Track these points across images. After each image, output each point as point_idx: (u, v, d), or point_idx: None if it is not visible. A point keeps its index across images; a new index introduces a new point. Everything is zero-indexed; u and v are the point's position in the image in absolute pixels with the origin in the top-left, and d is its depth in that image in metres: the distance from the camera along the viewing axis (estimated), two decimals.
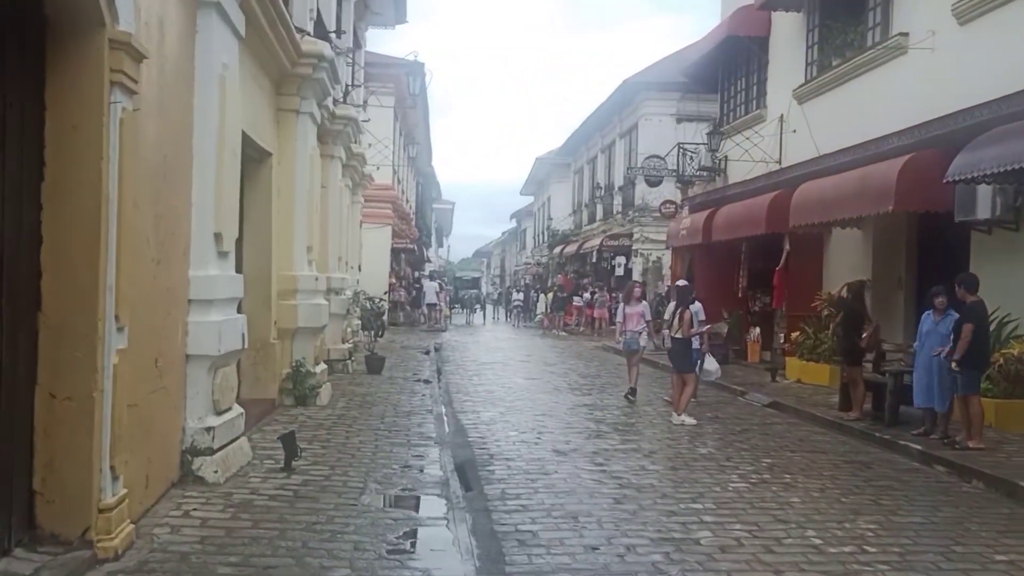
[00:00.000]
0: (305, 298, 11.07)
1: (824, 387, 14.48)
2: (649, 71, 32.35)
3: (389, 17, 23.70)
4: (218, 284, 6.86)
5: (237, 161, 7.43)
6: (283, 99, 10.76)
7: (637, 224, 31.85)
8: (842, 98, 15.91)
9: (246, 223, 10.34)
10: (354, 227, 21.33)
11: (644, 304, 13.57)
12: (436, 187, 57.85)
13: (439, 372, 16.76)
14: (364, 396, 12.24)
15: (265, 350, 10.47)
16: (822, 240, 16.78)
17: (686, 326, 11.60)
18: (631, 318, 13.18)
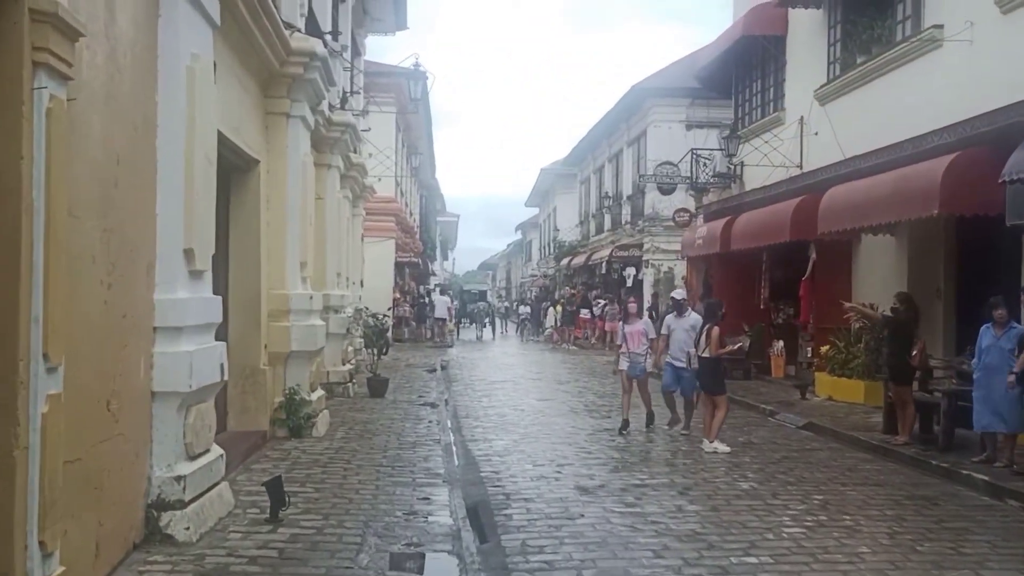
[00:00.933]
0: (299, 319, 10.12)
1: (859, 405, 13.49)
2: (658, 76, 31.46)
3: (389, 23, 22.83)
4: (189, 308, 5.91)
5: (212, 167, 6.49)
6: (272, 102, 9.85)
7: (647, 234, 30.89)
8: (869, 97, 14.97)
9: (232, 238, 9.45)
10: (355, 241, 20.41)
11: (645, 321, 12.12)
12: (440, 199, 56.97)
13: (446, 393, 15.78)
14: (365, 424, 11.26)
15: (254, 377, 9.52)
16: (850, 248, 15.80)
17: (715, 344, 10.61)
18: (632, 338, 11.56)
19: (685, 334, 11.24)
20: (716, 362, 10.78)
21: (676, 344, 11.32)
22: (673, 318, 11.60)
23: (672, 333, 11.45)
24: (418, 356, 24.39)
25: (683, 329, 11.31)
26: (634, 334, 11.55)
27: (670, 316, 11.79)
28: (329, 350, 14.06)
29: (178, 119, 5.81)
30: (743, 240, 17.52)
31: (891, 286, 14.31)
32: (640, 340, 11.51)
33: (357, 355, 18.13)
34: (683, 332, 11.28)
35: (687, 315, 11.50)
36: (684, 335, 11.24)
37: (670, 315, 11.85)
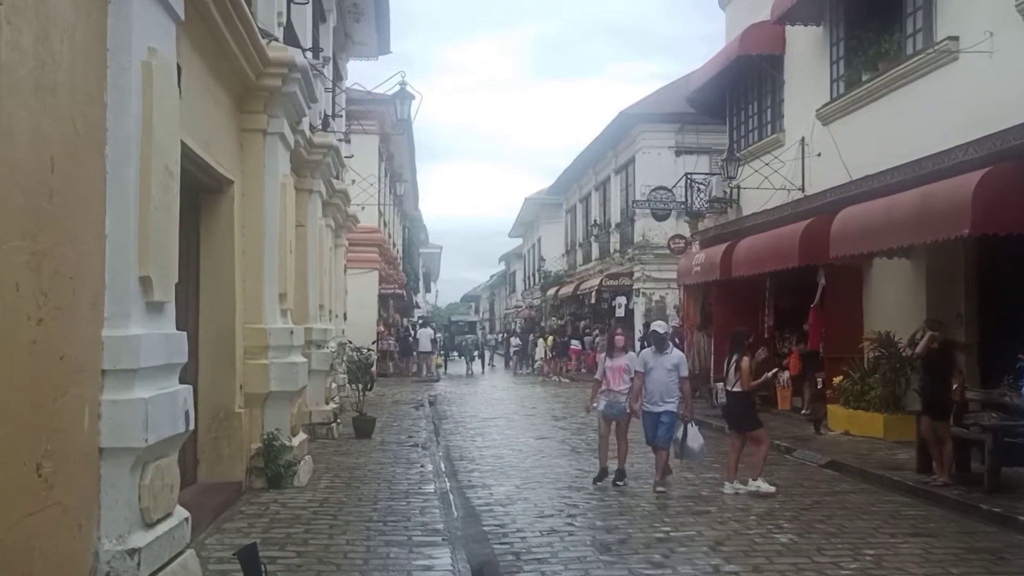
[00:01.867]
0: (278, 356, 9.17)
1: (879, 440, 12.65)
2: (646, 102, 30.94)
3: (372, 48, 22.13)
4: (146, 346, 4.97)
5: (174, 180, 5.59)
6: (247, 117, 8.97)
7: (638, 262, 30.17)
8: (877, 115, 14.29)
9: (203, 266, 8.54)
10: (338, 272, 19.49)
11: (630, 356, 10.21)
12: (424, 230, 56.18)
13: (436, 432, 14.80)
14: (352, 470, 10.28)
15: (228, 422, 8.55)
16: (861, 272, 15.04)
17: (747, 376, 9.72)
18: (614, 374, 9.90)
19: (666, 374, 9.70)
20: (747, 396, 9.86)
21: (653, 385, 9.70)
22: (652, 354, 9.90)
23: (650, 373, 9.73)
24: (404, 391, 23.40)
25: (664, 369, 9.70)
26: (616, 370, 9.91)
27: (648, 352, 10.08)
28: (312, 388, 13.08)
29: (131, 122, 4.91)
30: (746, 266, 16.73)
31: (907, 311, 13.55)
32: (622, 377, 9.87)
33: (341, 392, 17.16)
34: (663, 372, 9.70)
35: (669, 352, 9.87)
36: (664, 375, 9.69)
37: (648, 351, 10.14)
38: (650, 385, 9.72)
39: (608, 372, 9.99)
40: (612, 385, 9.90)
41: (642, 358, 9.99)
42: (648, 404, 9.74)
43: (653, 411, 9.71)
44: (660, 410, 9.64)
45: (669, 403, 9.64)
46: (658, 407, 9.66)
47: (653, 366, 9.75)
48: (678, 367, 9.74)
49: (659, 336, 10.07)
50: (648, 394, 9.73)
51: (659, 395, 9.67)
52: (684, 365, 9.88)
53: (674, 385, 9.68)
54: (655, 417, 9.69)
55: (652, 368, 9.74)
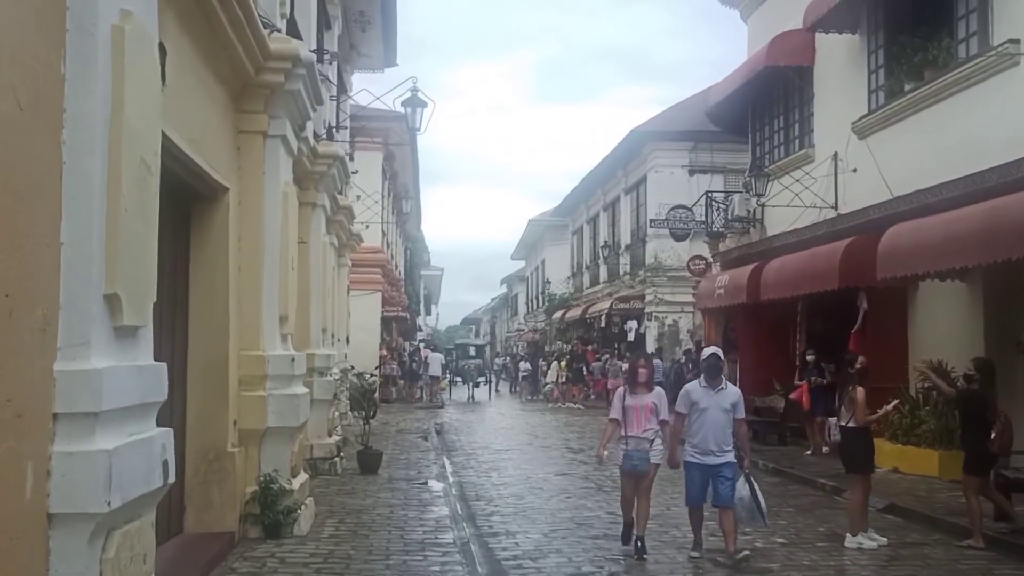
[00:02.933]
0: (277, 386, 8.10)
1: (933, 479, 11.57)
2: (658, 120, 30.05)
3: (378, 60, 21.28)
4: (112, 383, 3.92)
5: (153, 178, 4.56)
6: (245, 117, 7.96)
7: (650, 284, 29.16)
8: (922, 126, 13.30)
9: (193, 285, 7.51)
10: (341, 293, 18.47)
11: (658, 392, 8.15)
12: (426, 252, 55.24)
13: (447, 466, 13.69)
14: (359, 514, 9.20)
15: (220, 463, 7.48)
16: (905, 296, 13.99)
17: (859, 410, 8.40)
18: (637, 415, 7.86)
19: (723, 416, 7.66)
20: (865, 433, 8.61)
21: (706, 430, 7.68)
22: (703, 390, 7.80)
23: (701, 414, 7.71)
24: (409, 419, 22.29)
25: (720, 408, 7.66)
26: (641, 410, 7.87)
27: (696, 387, 7.95)
28: (314, 420, 12.01)
29: (97, 101, 3.89)
30: (777, 289, 15.68)
31: (960, 339, 12.52)
32: (648, 418, 7.87)
33: (343, 420, 16.09)
34: (719, 412, 7.67)
35: (724, 387, 7.81)
36: (721, 417, 7.66)
37: (696, 385, 7.99)
38: (700, 429, 7.72)
39: (630, 413, 7.90)
40: (635, 429, 7.85)
41: (688, 395, 7.91)
42: (697, 454, 7.73)
43: (707, 463, 7.67)
44: (719, 462, 7.64)
45: (728, 452, 7.70)
46: (715, 458, 7.66)
47: (706, 406, 7.69)
48: (736, 407, 7.79)
49: (715, 366, 7.86)
50: (698, 441, 7.74)
51: (715, 442, 7.65)
52: (742, 403, 8.00)
53: (731, 429, 7.76)
54: (711, 472, 7.68)
55: (705, 408, 7.69)
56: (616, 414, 8.09)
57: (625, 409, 7.96)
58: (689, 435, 7.88)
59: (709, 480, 7.72)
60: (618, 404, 8.12)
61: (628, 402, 7.99)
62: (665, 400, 8.10)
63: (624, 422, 7.92)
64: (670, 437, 8.07)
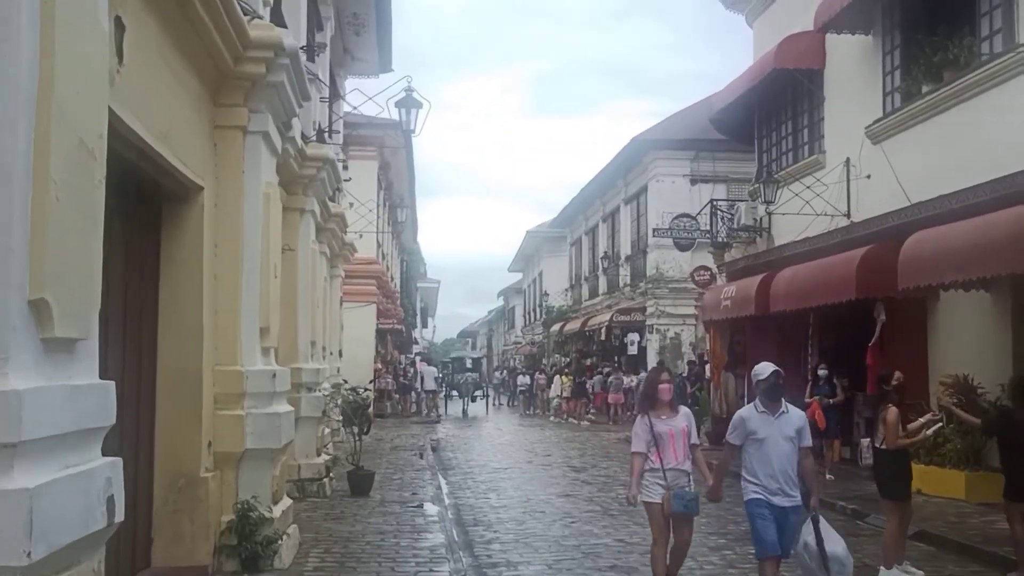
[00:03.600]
0: (257, 405, 7.39)
1: (960, 502, 10.90)
2: (659, 128, 29.44)
3: (372, 65, 20.61)
4: (35, 407, 3.23)
5: (97, 165, 3.87)
6: (223, 111, 7.29)
7: (651, 296, 28.51)
8: (943, 129, 12.68)
9: (164, 293, 6.82)
10: (333, 305, 17.78)
11: (687, 413, 6.88)
12: (422, 263, 54.57)
13: (443, 487, 12.99)
14: (347, 542, 8.48)
15: (192, 490, 6.77)
16: (925, 307, 13.34)
17: (891, 432, 7.66)
18: (670, 442, 6.57)
19: (788, 446, 6.21)
20: (903, 456, 7.87)
21: (768, 464, 6.19)
22: (760, 415, 6.31)
23: (760, 444, 6.23)
24: (404, 435, 21.56)
25: (782, 436, 6.21)
26: (676, 436, 6.59)
27: (751, 411, 6.41)
28: (301, 438, 11.34)
29: (20, 66, 3.22)
30: (788, 300, 15.00)
31: (985, 352, 11.88)
32: (685, 446, 6.62)
33: (335, 436, 15.37)
34: (782, 442, 6.21)
35: (786, 411, 6.32)
36: (786, 447, 6.21)
37: (751, 410, 6.44)
38: (762, 466, 6.20)
39: (663, 441, 6.55)
40: (673, 460, 6.52)
41: (743, 424, 6.35)
42: (763, 492, 6.20)
43: (776, 504, 6.16)
44: (787, 504, 6.17)
45: (794, 492, 6.23)
46: (782, 499, 6.15)
47: (766, 435, 6.20)
48: (801, 434, 6.29)
49: (775, 386, 6.29)
50: (759, 478, 6.22)
51: (782, 480, 6.16)
52: (808, 429, 6.47)
53: (795, 461, 6.28)
54: (777, 515, 6.16)
55: (765, 439, 6.20)
56: (642, 446, 6.61)
57: (656, 437, 6.57)
58: (750, 472, 6.32)
59: (784, 525, 6.18)
60: (643, 433, 6.62)
61: (659, 428, 6.58)
62: (694, 422, 6.90)
63: (658, 452, 6.54)
64: (718, 468, 6.68)
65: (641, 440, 6.68)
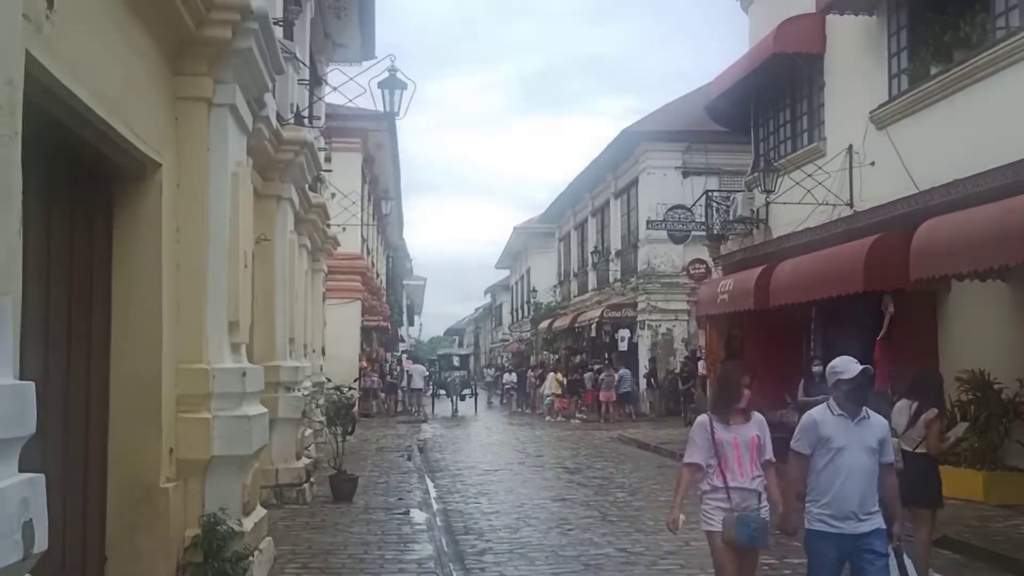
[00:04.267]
0: (226, 406, 6.68)
1: (978, 503, 10.29)
2: (650, 119, 28.84)
3: (355, 51, 19.91)
4: None
5: (5, 114, 3.17)
6: (185, 81, 6.58)
7: (642, 292, 27.90)
8: (954, 112, 12.08)
9: (117, 283, 6.11)
10: (315, 300, 17.08)
11: (760, 421, 5.48)
12: (408, 260, 53.83)
13: (431, 490, 12.32)
14: (327, 555, 7.81)
15: (150, 502, 6.06)
16: (935, 299, 12.75)
17: (933, 439, 7.01)
18: (739, 455, 5.30)
19: (868, 458, 5.04)
20: (935, 461, 7.29)
21: (848, 481, 4.98)
22: (837, 420, 5.10)
23: (836, 457, 5.03)
24: (390, 435, 20.89)
25: (863, 447, 5.03)
26: (743, 447, 5.29)
27: (825, 414, 5.16)
28: (279, 441, 10.68)
29: None
30: (789, 293, 14.38)
31: (1001, 345, 11.31)
32: (754, 461, 5.31)
33: (317, 437, 14.66)
34: (862, 454, 5.03)
35: (866, 417, 5.11)
36: (866, 460, 5.03)
37: (824, 411, 5.20)
38: (834, 481, 5.00)
39: (727, 452, 5.28)
40: (739, 477, 5.25)
41: (815, 428, 5.13)
42: (830, 519, 4.99)
43: (845, 532, 4.96)
44: (865, 529, 4.96)
45: (875, 515, 5.03)
46: (857, 524, 4.96)
47: (843, 444, 5.02)
48: (883, 446, 5.14)
49: (858, 386, 5.09)
50: (830, 499, 5.00)
51: (858, 500, 4.97)
52: (891, 440, 5.34)
53: (876, 479, 5.10)
54: (851, 545, 4.97)
55: (841, 448, 5.02)
56: (699, 457, 5.34)
57: (717, 447, 5.28)
58: (814, 490, 5.11)
59: (846, 559, 5.03)
60: (703, 440, 5.35)
61: (721, 435, 5.30)
62: (768, 431, 5.46)
63: (720, 467, 5.28)
64: (785, 487, 5.37)
65: (698, 449, 5.35)
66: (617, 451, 18.10)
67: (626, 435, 20.47)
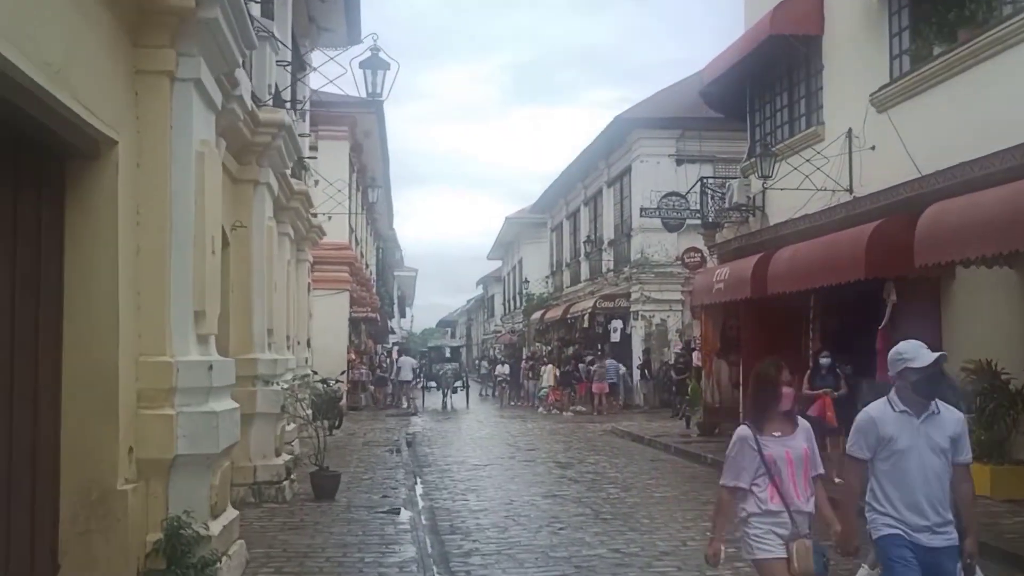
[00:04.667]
0: (191, 402, 6.21)
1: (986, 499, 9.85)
2: (644, 106, 28.38)
3: (340, 36, 19.32)
4: None
5: None
6: (145, 54, 6.10)
7: (636, 282, 27.48)
8: (958, 93, 11.69)
9: (69, 269, 5.66)
10: (300, 291, 16.61)
11: (807, 428, 4.69)
12: (399, 251, 53.34)
13: (417, 486, 11.90)
14: (304, 558, 7.38)
15: (107, 505, 5.62)
16: (938, 286, 12.34)
17: None
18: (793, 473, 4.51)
19: (938, 459, 4.40)
20: None
21: (914, 486, 4.38)
22: (898, 417, 4.46)
23: (900, 459, 4.42)
24: (378, 429, 20.45)
25: (933, 446, 4.41)
26: (797, 464, 4.55)
27: (884, 409, 4.51)
28: (258, 436, 10.26)
29: None
30: (788, 282, 13.95)
31: (1009, 334, 10.92)
32: (807, 479, 4.56)
33: (302, 432, 14.20)
34: (931, 454, 4.40)
35: (936, 412, 4.46)
36: (935, 461, 4.40)
37: (883, 405, 4.53)
38: (897, 485, 4.40)
39: (779, 470, 4.51)
40: (794, 499, 4.48)
41: (874, 427, 4.46)
42: (902, 528, 4.35)
43: (920, 544, 4.32)
44: (939, 543, 4.33)
45: (949, 524, 4.39)
46: (931, 536, 4.32)
47: (908, 445, 4.38)
48: (958, 444, 4.49)
49: (929, 377, 4.41)
50: (895, 507, 4.38)
51: (928, 506, 4.34)
52: (967, 437, 4.61)
53: (948, 483, 4.43)
54: (923, 561, 4.32)
55: (906, 450, 4.38)
56: (745, 479, 4.55)
57: (768, 465, 4.49)
58: (877, 499, 4.47)
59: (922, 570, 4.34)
60: (748, 461, 4.55)
61: (772, 451, 4.51)
62: (814, 438, 4.70)
63: (773, 488, 4.49)
64: (845, 504, 4.61)
65: (742, 470, 4.55)
66: (610, 444, 17.70)
67: (619, 428, 20.08)
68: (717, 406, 18.00)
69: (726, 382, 17.88)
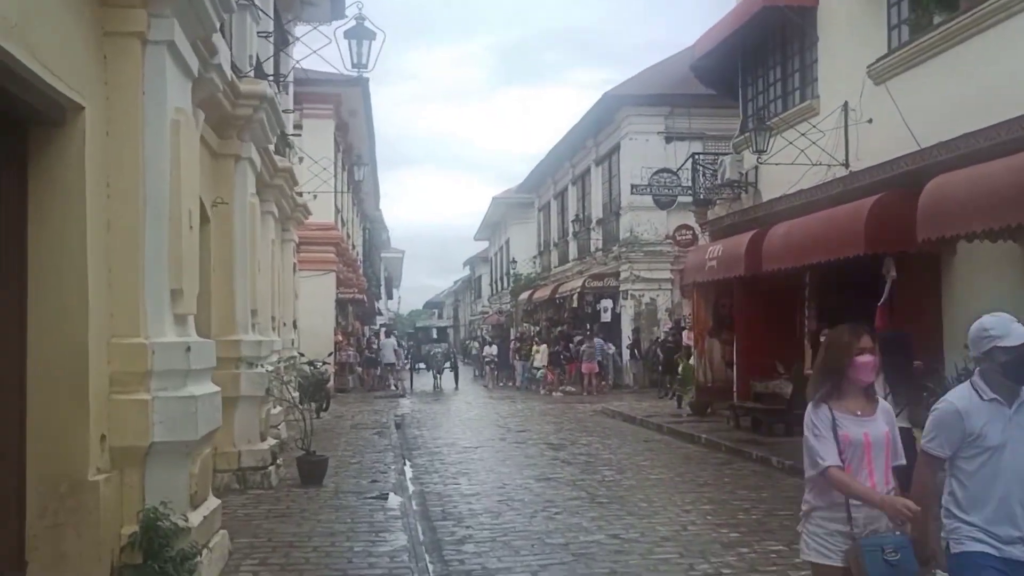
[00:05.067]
0: (167, 386, 5.86)
1: None
2: (632, 83, 27.98)
3: (324, 10, 18.81)
4: None
5: None
6: (114, 14, 5.70)
7: (625, 261, 27.19)
8: (959, 64, 11.33)
9: (34, 247, 5.29)
10: (285, 271, 16.22)
11: (886, 410, 3.96)
12: (385, 231, 52.84)
13: (407, 470, 11.60)
14: (289, 549, 7.05)
15: (77, 496, 5.27)
16: (940, 262, 12.07)
17: None
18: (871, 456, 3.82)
19: None
20: None
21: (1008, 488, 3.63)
22: (987, 406, 3.70)
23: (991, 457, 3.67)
24: (366, 411, 20.12)
25: None
26: (870, 448, 3.82)
27: (969, 398, 3.75)
28: (242, 421, 9.91)
29: None
30: (784, 258, 13.66)
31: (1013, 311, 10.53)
32: (887, 467, 3.85)
33: (288, 415, 13.86)
34: None
35: None
36: None
37: (966, 393, 3.79)
38: (987, 488, 3.68)
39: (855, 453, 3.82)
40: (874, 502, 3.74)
41: (959, 420, 3.71)
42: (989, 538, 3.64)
43: (1012, 558, 3.61)
44: None
45: None
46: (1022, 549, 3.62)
47: (1000, 440, 3.67)
48: None
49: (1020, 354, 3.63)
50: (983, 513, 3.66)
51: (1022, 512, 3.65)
52: None
53: None
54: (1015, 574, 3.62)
55: (998, 445, 3.67)
56: (835, 455, 3.78)
57: (843, 447, 3.80)
58: (960, 503, 3.75)
59: None
60: (828, 434, 3.80)
61: (849, 431, 3.83)
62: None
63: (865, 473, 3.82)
64: (919, 500, 3.71)
65: (830, 445, 3.79)
66: (601, 425, 17.45)
67: (610, 408, 19.83)
68: (709, 385, 17.77)
69: (718, 361, 17.64)
